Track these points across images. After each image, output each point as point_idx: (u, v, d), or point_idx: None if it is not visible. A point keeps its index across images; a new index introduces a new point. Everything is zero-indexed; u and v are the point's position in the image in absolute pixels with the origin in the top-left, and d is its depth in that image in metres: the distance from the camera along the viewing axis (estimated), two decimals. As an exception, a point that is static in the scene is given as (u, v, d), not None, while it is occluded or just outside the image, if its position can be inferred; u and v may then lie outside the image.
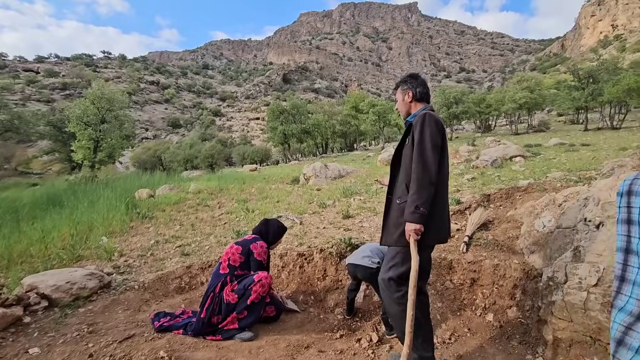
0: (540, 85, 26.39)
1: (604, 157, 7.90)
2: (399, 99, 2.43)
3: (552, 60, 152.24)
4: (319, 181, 9.83)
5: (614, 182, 3.28)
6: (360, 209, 5.41)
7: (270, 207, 6.72)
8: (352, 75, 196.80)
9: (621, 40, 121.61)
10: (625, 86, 18.86)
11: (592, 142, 13.69)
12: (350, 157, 23.48)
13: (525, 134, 25.97)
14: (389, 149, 21.81)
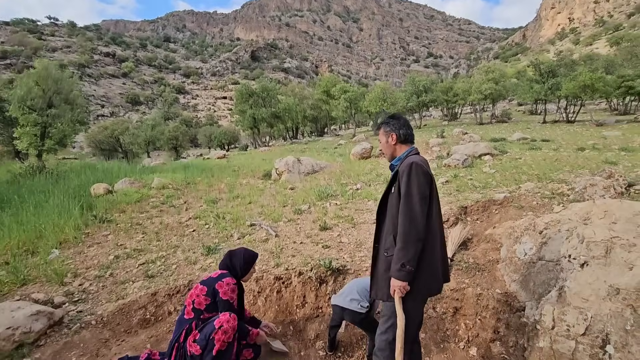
0: (504, 76, 27.32)
1: (566, 159, 8.27)
2: (383, 141, 2.33)
3: (514, 49, 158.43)
4: (292, 177, 9.55)
5: (590, 207, 3.34)
6: (337, 218, 5.25)
7: (242, 210, 6.39)
8: (322, 55, 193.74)
9: (576, 34, 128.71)
10: (580, 82, 19.94)
11: (551, 138, 14.40)
12: (322, 144, 23.23)
13: (489, 124, 26.96)
14: (361, 140, 21.84)
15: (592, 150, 9.80)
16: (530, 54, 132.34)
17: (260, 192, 7.91)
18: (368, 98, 24.99)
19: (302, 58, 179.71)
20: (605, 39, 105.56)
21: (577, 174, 5.94)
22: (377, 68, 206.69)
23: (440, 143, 14.21)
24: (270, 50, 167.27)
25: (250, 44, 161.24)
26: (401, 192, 2.01)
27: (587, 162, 7.62)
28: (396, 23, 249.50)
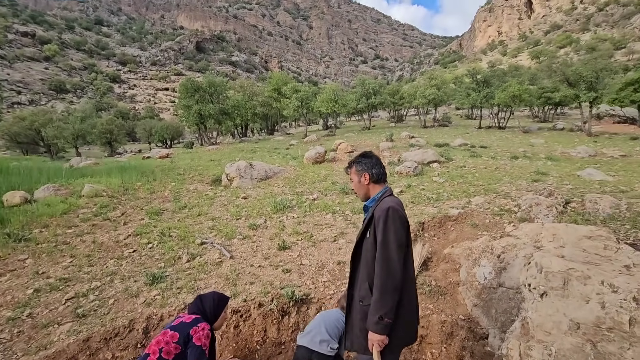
0: (445, 83, 29.17)
1: (504, 168, 8.96)
2: (355, 180, 2.19)
3: (452, 56, 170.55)
4: (244, 183, 9.09)
5: (539, 229, 3.53)
6: (296, 234, 5.03)
7: (191, 224, 5.88)
8: (272, 51, 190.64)
9: (504, 46, 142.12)
10: (510, 93, 22.00)
11: (488, 144, 15.63)
12: (273, 143, 22.73)
13: (432, 127, 28.62)
14: (313, 140, 21.79)
15: (524, 159, 10.78)
16: (466, 61, 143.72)
17: (210, 201, 7.38)
18: (319, 99, 24.99)
19: (251, 52, 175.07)
20: (527, 52, 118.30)
21: (517, 187, 6.43)
22: (326, 67, 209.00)
23: (390, 147, 14.64)
24: (217, 42, 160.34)
25: (194, 34, 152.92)
26: (377, 240, 1.87)
27: (522, 172, 8.31)
28: (345, 24, 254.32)
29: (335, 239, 4.75)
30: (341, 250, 4.40)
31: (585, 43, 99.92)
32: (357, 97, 28.13)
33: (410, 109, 41.59)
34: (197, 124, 27.22)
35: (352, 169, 2.18)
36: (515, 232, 3.75)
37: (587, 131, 20.29)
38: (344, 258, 4.18)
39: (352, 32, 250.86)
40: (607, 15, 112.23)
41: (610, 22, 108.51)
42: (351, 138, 21.92)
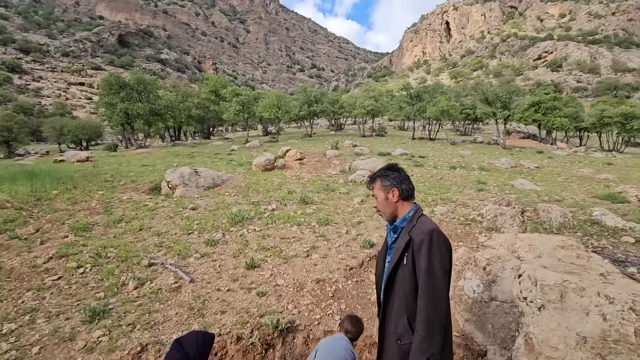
0: (382, 95, 30.81)
1: (447, 177, 9.54)
2: (380, 197, 1.90)
3: (383, 71, 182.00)
4: (190, 192, 8.21)
5: (513, 239, 3.65)
6: (262, 250, 4.57)
7: (132, 240, 5.02)
8: (206, 51, 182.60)
9: (428, 65, 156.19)
10: (440, 108, 24.03)
11: (425, 154, 16.69)
12: (212, 148, 21.42)
13: (370, 136, 29.88)
14: (256, 146, 21.05)
15: (460, 169, 11.67)
16: (395, 77, 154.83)
17: (151, 213, 6.46)
18: (262, 104, 24.39)
19: (182, 51, 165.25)
20: (447, 72, 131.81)
21: (468, 196, 6.82)
22: (264, 72, 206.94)
23: (337, 155, 14.73)
24: (143, 37, 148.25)
25: (117, 26, 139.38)
26: (420, 267, 1.63)
27: (465, 181, 8.93)
28: (283, 31, 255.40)
29: (307, 254, 4.41)
30: (317, 266, 4.08)
31: (493, 68, 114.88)
32: (299, 104, 28.11)
33: (349, 118, 43.11)
34: (122, 124, 24.47)
35: (377, 184, 1.90)
36: (490, 243, 3.85)
37: (503, 145, 23.03)
38: (322, 275, 3.87)
39: (289, 40, 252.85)
40: (509, 46, 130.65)
41: (511, 51, 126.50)
42: (295, 145, 21.71)
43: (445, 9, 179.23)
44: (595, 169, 13.01)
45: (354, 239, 4.77)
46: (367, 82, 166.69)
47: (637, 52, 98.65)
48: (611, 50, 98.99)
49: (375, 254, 4.30)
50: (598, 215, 4.54)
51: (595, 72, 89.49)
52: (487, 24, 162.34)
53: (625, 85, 74.22)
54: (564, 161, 15.74)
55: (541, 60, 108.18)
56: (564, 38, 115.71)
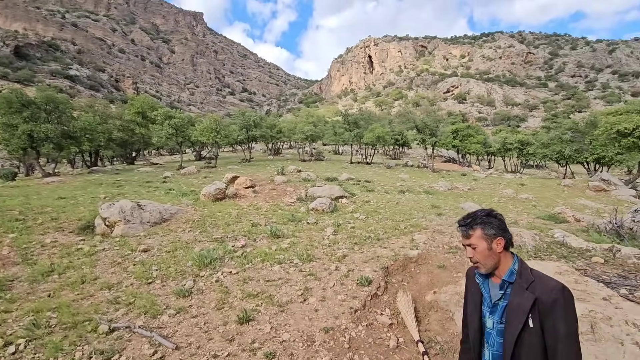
0: (320, 121, 31.67)
1: (403, 202, 9.90)
2: (481, 247, 1.66)
3: (314, 97, 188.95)
4: (133, 229, 7.07)
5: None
6: (250, 297, 4.00)
7: (76, 299, 4.01)
8: (125, 69, 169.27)
9: (354, 94, 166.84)
10: (377, 134, 25.50)
11: (369, 178, 17.29)
12: (141, 175, 19.30)
13: (309, 161, 30.21)
14: (192, 172, 19.58)
15: (409, 193, 12.27)
16: (326, 103, 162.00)
17: (90, 260, 5.34)
18: (200, 128, 23.06)
19: (96, 68, 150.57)
20: (372, 101, 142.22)
21: (436, 222, 7.09)
22: (191, 94, 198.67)
23: (285, 181, 14.41)
24: (47, 50, 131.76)
25: (13, 36, 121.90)
26: (558, 331, 1.45)
27: (420, 206, 9.35)
28: (211, 54, 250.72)
29: (304, 298, 3.98)
30: (319, 312, 3.68)
31: (411, 98, 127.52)
32: (237, 129, 27.28)
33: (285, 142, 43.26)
34: (24, 148, 20.79)
35: (477, 232, 1.68)
36: (488, 272, 3.92)
37: (432, 168, 25.16)
38: (327, 323, 3.49)
39: (218, 63, 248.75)
40: (423, 80, 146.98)
41: (425, 85, 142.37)
42: (235, 170, 20.79)
43: (367, 43, 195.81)
44: (514, 189, 14.85)
45: (346, 275, 4.49)
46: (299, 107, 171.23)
47: (521, 89, 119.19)
48: (502, 87, 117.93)
49: (375, 291, 4.06)
50: (560, 237, 5.05)
51: (491, 105, 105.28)
52: (403, 59, 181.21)
53: (515, 116, 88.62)
54: (486, 182, 17.71)
55: (449, 93, 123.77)
56: (466, 75, 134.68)
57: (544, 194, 13.94)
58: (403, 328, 3.47)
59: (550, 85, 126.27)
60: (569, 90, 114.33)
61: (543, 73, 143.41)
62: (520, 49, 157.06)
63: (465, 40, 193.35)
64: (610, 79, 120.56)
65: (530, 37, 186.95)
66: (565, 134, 24.35)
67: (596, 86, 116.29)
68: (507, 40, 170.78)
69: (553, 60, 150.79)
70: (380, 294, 4.05)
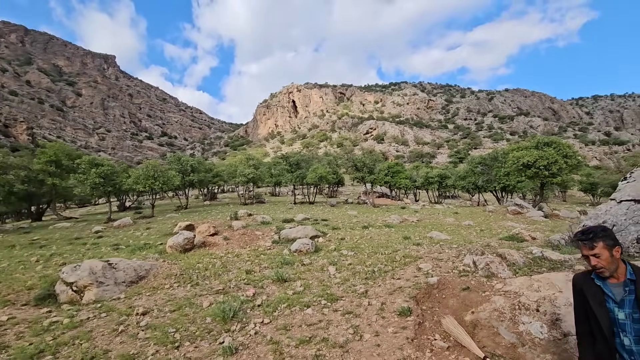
0: (261, 164, 31.72)
1: (374, 237, 10.45)
2: (605, 255, 2.18)
3: (240, 140, 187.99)
4: (109, 292, 6.14)
5: (529, 281, 4.41)
6: (304, 344, 3.84)
7: None
8: (17, 113, 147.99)
9: (281, 136, 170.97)
10: (319, 174, 26.51)
11: (324, 217, 17.70)
12: (64, 232, 16.63)
13: (251, 204, 29.59)
14: (128, 224, 17.60)
15: (372, 228, 12.95)
16: (254, 145, 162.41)
17: (80, 333, 4.52)
18: (134, 175, 21.18)
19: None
20: (299, 142, 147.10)
21: (414, 250, 7.69)
22: (101, 139, 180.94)
23: (244, 226, 13.99)
24: None
25: None
26: None
27: (394, 238, 9.98)
28: (125, 97, 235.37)
29: (360, 336, 3.99)
30: (382, 346, 3.74)
31: (335, 139, 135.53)
32: (174, 174, 25.69)
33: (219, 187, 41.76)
34: None
35: (600, 244, 2.16)
36: (509, 288, 4.51)
37: (372, 203, 26.81)
38: (396, 355, 3.58)
39: (134, 107, 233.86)
40: (344, 123, 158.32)
41: (346, 127, 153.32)
42: (177, 218, 19.37)
43: (290, 89, 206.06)
44: (453, 217, 16.72)
45: (382, 309, 4.64)
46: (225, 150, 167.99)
47: (427, 130, 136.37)
48: (412, 129, 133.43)
49: (419, 320, 4.30)
50: (538, 252, 6.01)
51: (406, 144, 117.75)
52: (325, 104, 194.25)
53: (427, 153, 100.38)
54: (426, 213, 19.55)
55: (369, 134, 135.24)
56: (381, 119, 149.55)
57: (477, 219, 15.96)
58: (461, 348, 3.76)
59: (449, 127, 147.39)
60: (465, 131, 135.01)
61: (442, 116, 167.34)
62: (423, 97, 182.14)
63: (377, 88, 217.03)
64: (492, 121, 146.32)
65: (429, 86, 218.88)
66: (477, 167, 28.52)
67: (484, 127, 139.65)
68: (411, 89, 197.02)
69: (449, 106, 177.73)
70: (422, 321, 4.30)
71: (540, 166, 17.24)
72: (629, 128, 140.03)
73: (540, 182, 19.00)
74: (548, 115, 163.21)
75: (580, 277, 2.42)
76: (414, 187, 39.68)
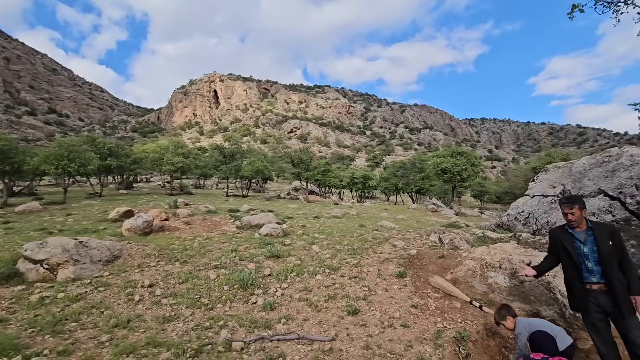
0: (191, 153, 29.99)
1: (333, 225, 11.37)
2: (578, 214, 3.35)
3: (151, 127, 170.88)
4: (87, 271, 5.68)
5: (486, 249, 5.81)
6: (332, 300, 4.45)
7: (148, 335, 3.52)
8: None
9: (200, 126, 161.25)
10: (256, 167, 26.46)
11: (269, 208, 17.99)
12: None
13: (178, 194, 27.86)
14: (35, 208, 15.16)
15: (323, 218, 13.86)
16: (167, 134, 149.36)
17: (99, 305, 4.34)
18: (43, 154, 18.19)
19: None
20: (220, 135, 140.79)
21: (376, 234, 8.85)
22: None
23: (190, 214, 13.55)
24: None
25: None
26: (623, 248, 3.22)
27: (352, 226, 11.04)
28: (0, 62, 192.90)
29: (375, 292, 4.78)
30: (395, 298, 4.60)
31: (259, 135, 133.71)
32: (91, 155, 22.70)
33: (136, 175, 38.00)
34: None
35: (577, 206, 3.32)
36: (474, 255, 5.83)
37: (306, 199, 27.87)
38: (409, 302, 4.48)
39: (11, 74, 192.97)
40: (268, 119, 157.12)
41: (270, 124, 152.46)
42: (95, 205, 17.41)
43: (212, 78, 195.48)
44: (387, 213, 18.75)
45: (380, 275, 5.52)
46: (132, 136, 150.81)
47: (348, 134, 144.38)
48: (334, 132, 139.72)
49: (414, 280, 5.31)
50: (480, 233, 7.65)
51: (328, 146, 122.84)
52: (249, 98, 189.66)
53: (347, 156, 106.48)
54: (361, 209, 21.37)
55: (293, 133, 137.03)
56: (305, 119, 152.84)
57: (407, 214, 18.23)
58: (450, 297, 4.86)
59: (367, 133, 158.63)
60: (380, 138, 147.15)
61: (361, 123, 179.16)
62: (344, 102, 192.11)
63: (302, 88, 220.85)
64: (404, 132, 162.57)
65: (350, 93, 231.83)
66: (398, 171, 31.95)
67: (396, 136, 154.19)
68: (334, 93, 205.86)
69: (367, 113, 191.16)
70: (414, 281, 5.32)
71: (454, 172, 20.59)
72: (505, 148, 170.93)
73: (453, 186, 22.59)
74: (447, 131, 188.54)
75: (556, 230, 3.65)
76: (341, 186, 42.17)
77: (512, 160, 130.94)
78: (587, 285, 3.30)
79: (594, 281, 3.28)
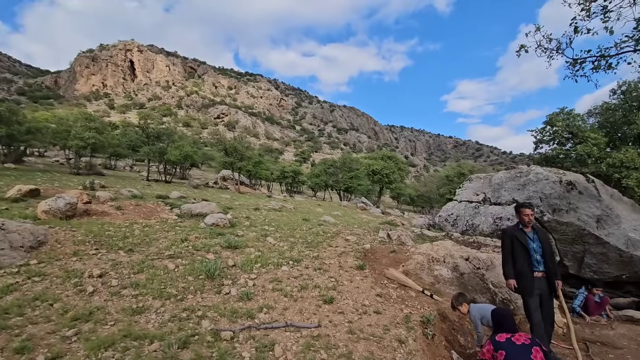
0: (106, 128, 26.46)
1: (276, 217, 11.40)
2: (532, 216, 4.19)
3: (45, 92, 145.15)
4: (8, 258, 4.74)
5: (431, 246, 6.61)
6: (304, 290, 4.61)
7: (120, 327, 3.25)
8: None
9: (110, 99, 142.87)
10: (185, 152, 24.69)
11: (202, 197, 17.08)
12: None
13: (86, 174, 24.47)
14: None
15: (266, 212, 13.73)
16: (67, 103, 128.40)
17: (44, 297, 3.74)
18: None
19: None
20: (135, 112, 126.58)
21: (322, 228, 9.21)
22: None
23: (112, 198, 12.17)
24: None
25: None
26: (552, 244, 4.07)
27: (295, 219, 11.20)
28: None
29: (340, 283, 5.05)
30: (360, 287, 4.95)
31: (181, 117, 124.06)
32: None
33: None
34: None
35: (533, 209, 4.11)
36: (420, 250, 6.55)
37: (237, 190, 27.08)
38: (373, 292, 4.88)
39: None
40: (193, 101, 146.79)
41: (195, 107, 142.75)
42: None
43: (129, 47, 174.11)
44: (322, 208, 19.37)
45: (342, 267, 5.84)
46: (19, 100, 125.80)
47: (277, 127, 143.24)
48: (264, 123, 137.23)
49: (371, 271, 5.75)
50: (419, 231, 8.52)
51: (257, 137, 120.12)
52: (172, 75, 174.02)
53: (275, 149, 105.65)
54: (295, 204, 21.64)
55: (220, 119, 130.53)
56: (234, 106, 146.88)
57: (340, 211, 19.11)
58: (404, 287, 5.42)
59: (297, 128, 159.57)
60: (309, 134, 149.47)
61: (292, 117, 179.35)
62: (276, 94, 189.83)
63: (233, 74, 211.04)
64: (332, 131, 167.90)
65: (283, 86, 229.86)
66: (330, 169, 33.11)
67: (324, 134, 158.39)
68: (266, 84, 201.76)
69: (298, 108, 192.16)
70: (372, 272, 5.78)
71: (384, 174, 22.28)
72: (419, 155, 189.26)
73: (380, 187, 24.39)
74: (371, 134, 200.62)
75: (510, 230, 4.40)
76: (272, 179, 41.83)
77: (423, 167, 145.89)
78: (535, 273, 4.08)
79: (540, 270, 4.09)
